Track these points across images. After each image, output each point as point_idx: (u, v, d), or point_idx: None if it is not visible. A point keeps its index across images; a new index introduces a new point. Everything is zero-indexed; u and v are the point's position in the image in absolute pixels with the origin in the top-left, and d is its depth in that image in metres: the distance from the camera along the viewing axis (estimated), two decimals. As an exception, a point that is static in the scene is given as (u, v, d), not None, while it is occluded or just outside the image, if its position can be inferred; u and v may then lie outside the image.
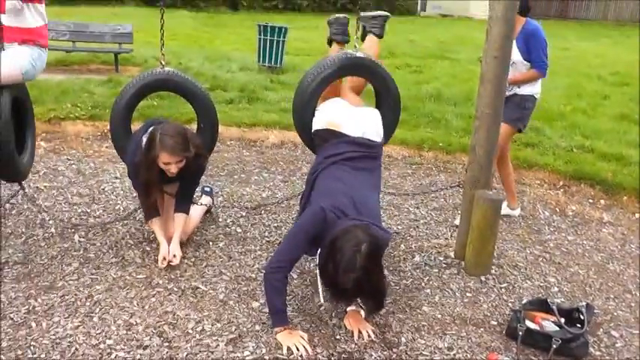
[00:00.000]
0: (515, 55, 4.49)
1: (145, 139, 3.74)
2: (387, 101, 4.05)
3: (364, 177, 3.58)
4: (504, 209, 4.90)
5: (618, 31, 24.83)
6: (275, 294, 3.22)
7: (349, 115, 3.84)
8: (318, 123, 3.88)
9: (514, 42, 4.19)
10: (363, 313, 3.37)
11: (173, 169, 3.69)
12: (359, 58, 3.90)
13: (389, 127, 4.06)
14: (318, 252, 3.20)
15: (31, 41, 3.86)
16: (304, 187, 3.87)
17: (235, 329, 3.25)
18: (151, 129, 3.77)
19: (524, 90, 4.74)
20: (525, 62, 4.64)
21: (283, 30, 10.66)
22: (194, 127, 4.38)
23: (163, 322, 3.27)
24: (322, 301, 3.40)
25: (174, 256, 3.86)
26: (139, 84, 4.04)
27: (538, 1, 31.69)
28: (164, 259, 3.82)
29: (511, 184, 5.04)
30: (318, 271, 3.21)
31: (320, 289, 3.34)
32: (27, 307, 3.33)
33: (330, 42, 4.53)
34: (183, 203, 4.06)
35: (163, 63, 4.14)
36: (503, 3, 3.64)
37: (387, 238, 3.37)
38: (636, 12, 30.21)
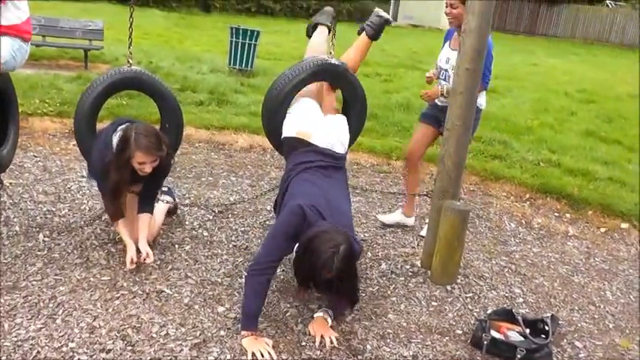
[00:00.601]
0: None
1: (115, 139, 3.68)
2: (355, 109, 4.08)
3: (336, 185, 3.62)
4: (398, 216, 4.93)
5: (585, 49, 25.31)
6: (253, 296, 3.22)
7: (319, 124, 3.86)
8: (288, 129, 3.88)
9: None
10: (329, 320, 3.36)
11: (147, 168, 3.63)
12: (332, 64, 3.91)
13: (354, 134, 4.11)
14: (295, 247, 3.23)
15: (12, 33, 3.77)
16: (277, 195, 3.86)
17: (200, 334, 3.21)
18: (122, 128, 3.71)
19: None
20: None
21: (255, 33, 10.62)
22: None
23: (127, 326, 3.22)
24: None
25: (147, 255, 3.78)
26: (106, 82, 3.97)
27: (508, 17, 32.25)
28: (132, 261, 3.75)
29: (416, 189, 4.92)
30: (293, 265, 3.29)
31: None
32: (-13, 306, 3.26)
33: (311, 30, 4.55)
34: (148, 204, 3.99)
35: (131, 61, 4.08)
36: (478, 15, 3.68)
37: (359, 249, 3.39)
38: (602, 31, 30.89)
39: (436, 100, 4.56)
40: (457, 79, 3.85)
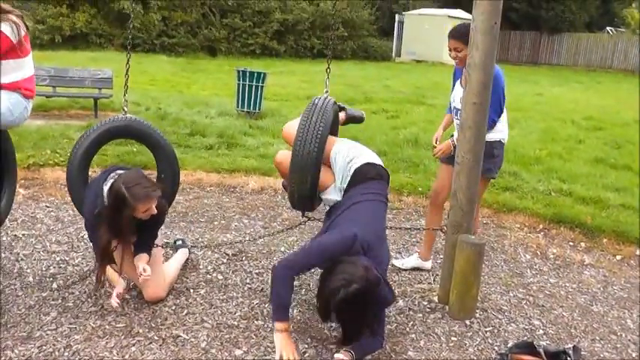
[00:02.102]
0: None
1: (106, 188, 3.61)
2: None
3: (384, 222, 3.82)
4: (414, 261, 4.81)
5: (588, 76, 25.41)
6: (284, 287, 3.33)
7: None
8: (355, 161, 3.91)
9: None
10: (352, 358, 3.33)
11: (152, 210, 3.62)
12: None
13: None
14: None
15: (10, 88, 3.77)
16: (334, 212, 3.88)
17: (219, 379, 3.19)
18: (109, 185, 3.60)
19: (490, 136, 4.25)
20: None
21: (262, 75, 10.71)
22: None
23: (145, 373, 3.20)
24: None
25: (144, 270, 3.72)
26: (98, 131, 4.02)
27: (510, 48, 32.51)
28: (117, 295, 3.69)
29: (434, 234, 4.81)
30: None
31: None
32: (3, 358, 3.23)
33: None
34: (145, 248, 3.91)
35: (126, 109, 4.11)
36: (482, 51, 3.71)
37: (389, 300, 3.48)
38: (605, 58, 31.03)
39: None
40: (464, 114, 3.86)
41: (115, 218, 3.56)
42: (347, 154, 3.91)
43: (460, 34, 4.21)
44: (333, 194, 3.91)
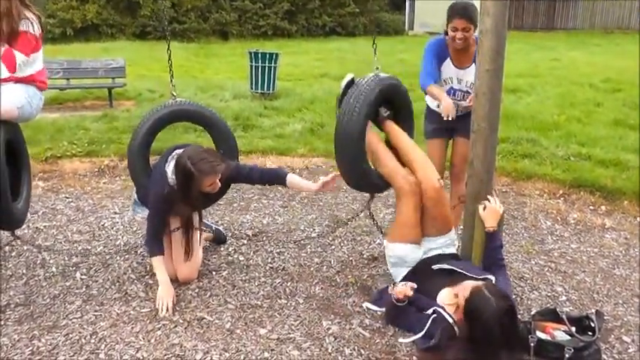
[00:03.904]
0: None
1: (169, 169, 3.72)
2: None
3: None
4: None
5: (606, 39, 24.98)
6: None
7: None
8: None
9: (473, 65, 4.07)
10: None
11: (217, 184, 3.70)
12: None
13: None
14: None
15: (26, 81, 3.79)
16: None
17: (244, 357, 3.21)
18: (173, 162, 3.71)
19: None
20: None
21: (274, 56, 10.68)
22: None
23: (171, 355, 3.23)
24: None
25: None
26: (152, 118, 4.02)
27: (525, 14, 32.05)
28: (167, 308, 3.67)
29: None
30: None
31: None
32: (31, 348, 3.29)
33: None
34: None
35: (175, 94, 4.12)
36: (493, 16, 3.65)
37: None
38: (622, 18, 30.46)
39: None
40: (478, 81, 3.82)
41: (184, 195, 3.65)
42: None
43: (472, 15, 4.14)
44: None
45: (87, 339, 3.38)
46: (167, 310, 3.65)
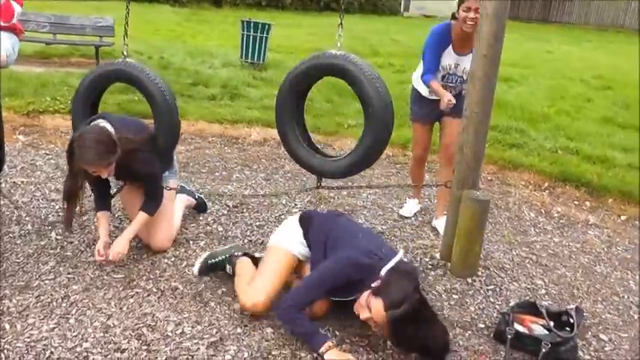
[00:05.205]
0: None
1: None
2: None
3: None
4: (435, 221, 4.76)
5: (600, 36, 24.99)
6: (300, 321, 3.10)
7: None
8: None
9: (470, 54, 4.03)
10: None
11: (104, 174, 3.44)
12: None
13: None
14: None
15: (11, 30, 3.86)
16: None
17: (216, 332, 3.15)
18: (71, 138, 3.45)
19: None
20: None
21: (267, 26, 10.55)
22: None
23: (142, 324, 3.16)
24: None
25: (115, 254, 3.62)
26: (92, 75, 3.82)
27: (521, 5, 31.95)
28: (98, 252, 3.60)
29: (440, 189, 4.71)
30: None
31: None
32: (0, 307, 3.20)
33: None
34: (149, 204, 3.79)
35: (125, 53, 3.78)
36: (494, 1, 3.58)
37: None
38: (617, 17, 30.45)
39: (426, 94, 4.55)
40: (474, 65, 3.75)
41: (71, 167, 3.45)
42: None
43: None
44: None
45: (58, 302, 3.30)
46: (98, 256, 3.61)
